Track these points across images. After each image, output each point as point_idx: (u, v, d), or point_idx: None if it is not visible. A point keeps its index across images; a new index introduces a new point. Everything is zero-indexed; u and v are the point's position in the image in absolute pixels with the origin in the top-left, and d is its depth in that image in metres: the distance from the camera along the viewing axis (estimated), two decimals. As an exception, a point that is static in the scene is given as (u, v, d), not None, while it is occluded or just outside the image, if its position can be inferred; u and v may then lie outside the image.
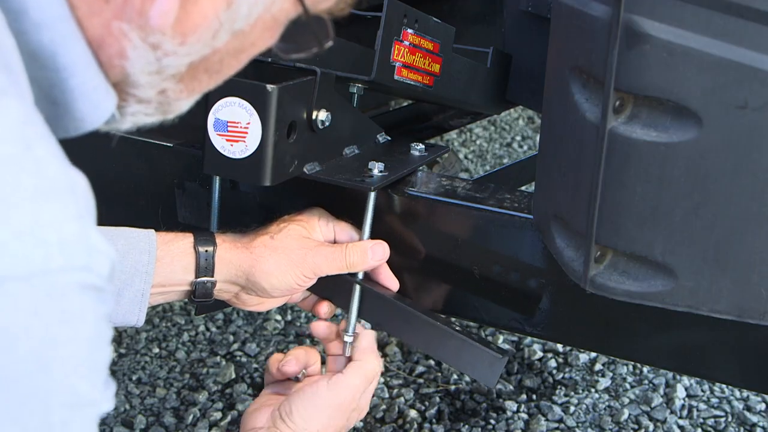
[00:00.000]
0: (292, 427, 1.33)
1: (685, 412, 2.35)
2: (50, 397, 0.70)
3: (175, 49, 0.80)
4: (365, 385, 1.38)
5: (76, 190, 0.71)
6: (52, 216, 0.68)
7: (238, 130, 1.34)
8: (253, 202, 1.58)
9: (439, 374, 2.43)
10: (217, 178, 1.50)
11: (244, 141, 1.34)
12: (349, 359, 1.42)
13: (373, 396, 1.43)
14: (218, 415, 2.28)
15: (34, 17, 0.74)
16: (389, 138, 1.63)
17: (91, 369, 0.73)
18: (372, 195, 1.44)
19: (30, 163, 0.68)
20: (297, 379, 1.45)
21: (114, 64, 0.80)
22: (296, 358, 1.43)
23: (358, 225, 1.46)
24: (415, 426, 2.25)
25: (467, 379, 2.42)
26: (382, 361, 1.43)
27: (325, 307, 1.50)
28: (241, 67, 0.87)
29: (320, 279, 1.42)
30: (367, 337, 1.42)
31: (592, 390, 2.41)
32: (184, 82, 0.84)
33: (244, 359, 2.52)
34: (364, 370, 1.38)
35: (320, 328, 1.47)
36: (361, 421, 2.20)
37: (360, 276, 1.45)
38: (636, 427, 2.30)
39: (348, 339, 1.43)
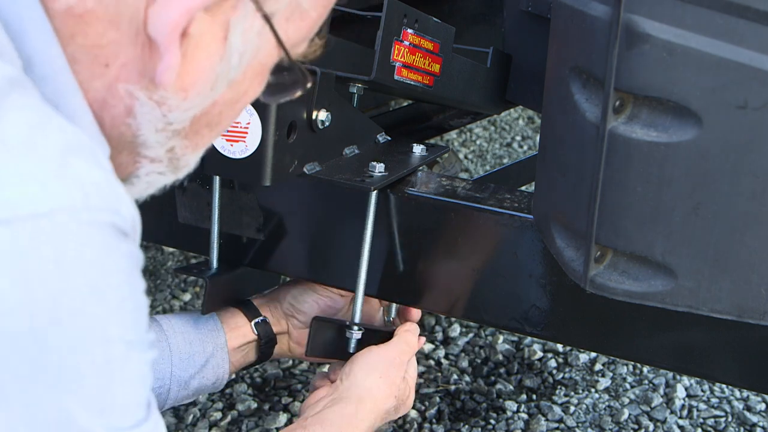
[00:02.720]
0: (354, 383, 1.44)
1: (685, 412, 2.34)
2: (108, 327, 0.74)
3: (179, 104, 0.85)
4: (409, 352, 1.54)
5: (97, 150, 0.78)
6: (84, 165, 0.74)
7: (238, 130, 1.34)
8: (253, 202, 1.58)
9: (439, 374, 2.43)
10: (217, 178, 1.50)
11: (244, 141, 1.34)
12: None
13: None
14: (218, 415, 2.28)
15: (38, 71, 0.78)
16: (389, 138, 1.63)
17: (136, 305, 0.77)
18: (373, 195, 1.44)
19: (55, 126, 0.75)
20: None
21: (121, 124, 0.85)
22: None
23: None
24: (415, 426, 2.25)
25: (467, 379, 2.42)
26: (418, 338, 1.59)
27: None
28: (237, 117, 0.95)
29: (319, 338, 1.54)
30: (413, 325, 1.59)
31: (592, 390, 2.41)
32: (189, 137, 0.89)
33: (244, 359, 2.51)
34: (409, 338, 1.55)
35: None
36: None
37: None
38: (636, 427, 2.30)
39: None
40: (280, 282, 1.78)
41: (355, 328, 1.49)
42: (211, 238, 1.56)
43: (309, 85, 0.94)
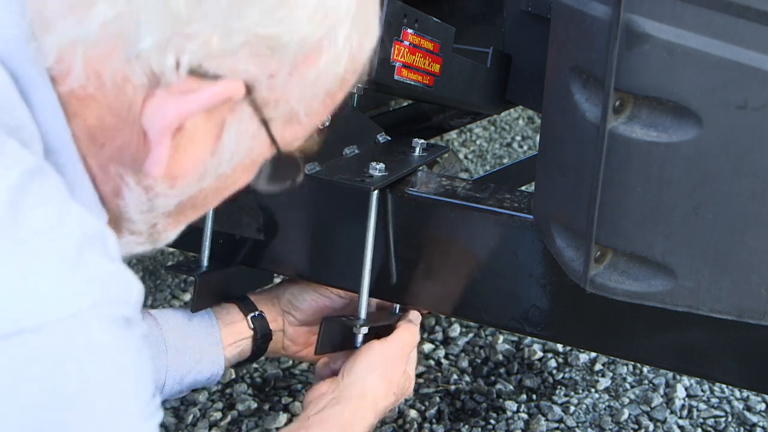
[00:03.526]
0: (354, 380, 1.43)
1: (685, 412, 2.34)
2: (125, 409, 0.82)
3: (166, 192, 0.89)
4: (410, 344, 1.53)
5: (107, 236, 0.84)
6: (98, 259, 0.80)
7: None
8: (252, 201, 1.58)
9: (439, 374, 2.43)
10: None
11: (244, 141, 1.33)
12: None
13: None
14: (218, 415, 2.28)
15: (48, 143, 0.83)
16: (389, 138, 1.63)
17: (145, 383, 0.85)
18: (374, 195, 1.44)
19: (72, 221, 0.80)
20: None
21: (110, 200, 0.90)
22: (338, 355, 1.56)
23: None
24: (415, 426, 2.25)
25: (467, 379, 2.42)
26: (417, 329, 1.57)
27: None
28: (223, 200, 0.98)
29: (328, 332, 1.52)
30: (415, 314, 1.57)
31: (592, 390, 2.41)
32: (173, 216, 0.94)
33: (244, 359, 2.51)
34: (409, 333, 1.54)
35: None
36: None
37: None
38: (636, 427, 2.30)
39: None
40: (273, 281, 1.78)
41: (362, 324, 1.49)
42: (203, 236, 1.57)
43: (299, 178, 0.97)
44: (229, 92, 0.84)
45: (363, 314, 1.49)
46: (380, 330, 1.53)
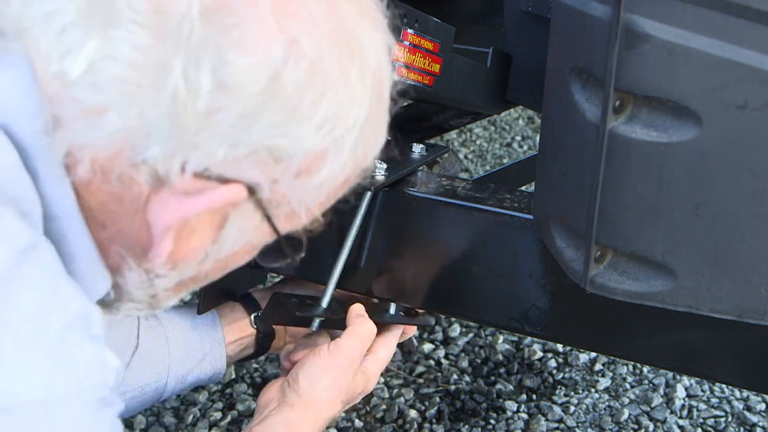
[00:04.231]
0: (298, 392, 1.39)
1: (685, 412, 2.34)
2: None
3: (166, 273, 0.91)
4: (363, 345, 1.46)
5: (92, 316, 0.84)
6: (80, 341, 0.82)
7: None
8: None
9: (439, 374, 2.43)
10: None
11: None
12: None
13: (372, 396, 1.45)
14: (218, 415, 2.28)
15: (49, 211, 0.84)
16: (389, 138, 1.63)
17: None
18: (368, 195, 1.44)
19: (58, 304, 0.81)
20: None
21: (110, 276, 0.91)
22: (305, 345, 1.51)
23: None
24: (415, 426, 2.25)
25: (467, 379, 2.42)
26: (373, 324, 1.49)
27: None
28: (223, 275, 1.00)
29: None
30: (357, 306, 1.49)
31: (592, 390, 2.41)
32: (173, 290, 0.96)
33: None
34: (360, 331, 1.46)
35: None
36: (361, 420, 2.20)
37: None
38: (636, 427, 2.30)
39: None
40: (267, 278, 1.79)
41: (314, 314, 1.48)
42: None
43: (300, 257, 0.99)
44: (231, 196, 0.86)
45: (325, 302, 1.48)
46: (336, 323, 1.51)
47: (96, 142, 0.82)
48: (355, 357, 1.44)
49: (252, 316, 1.60)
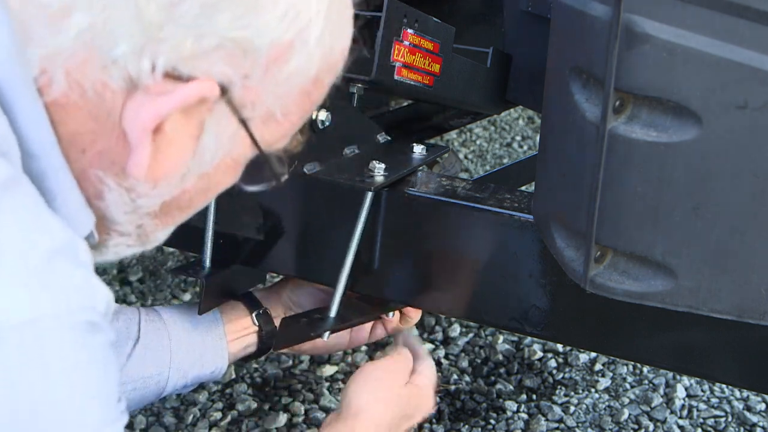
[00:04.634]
0: (348, 400, 1.41)
1: (685, 412, 2.34)
2: (85, 413, 0.84)
3: (148, 192, 0.91)
4: (403, 364, 1.51)
5: (78, 245, 0.85)
6: (66, 266, 0.82)
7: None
8: (252, 201, 1.58)
9: (439, 374, 2.43)
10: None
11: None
12: None
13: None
14: (218, 415, 2.28)
15: (28, 149, 0.84)
16: (389, 138, 1.63)
17: (109, 388, 0.86)
18: (369, 195, 1.44)
19: (42, 229, 0.82)
20: None
21: (92, 203, 0.91)
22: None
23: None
24: (415, 426, 2.25)
25: (467, 379, 2.42)
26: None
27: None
28: (209, 201, 1.00)
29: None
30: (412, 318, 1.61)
31: (592, 390, 2.41)
32: (159, 218, 0.96)
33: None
34: (402, 358, 1.53)
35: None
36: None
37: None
38: (636, 427, 2.30)
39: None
40: (266, 278, 1.79)
41: (324, 329, 1.48)
42: (204, 237, 1.57)
43: (284, 178, 0.99)
44: (203, 92, 0.86)
45: (334, 311, 1.48)
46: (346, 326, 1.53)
47: (65, 46, 0.83)
48: (399, 364, 1.50)
49: (253, 314, 1.61)
